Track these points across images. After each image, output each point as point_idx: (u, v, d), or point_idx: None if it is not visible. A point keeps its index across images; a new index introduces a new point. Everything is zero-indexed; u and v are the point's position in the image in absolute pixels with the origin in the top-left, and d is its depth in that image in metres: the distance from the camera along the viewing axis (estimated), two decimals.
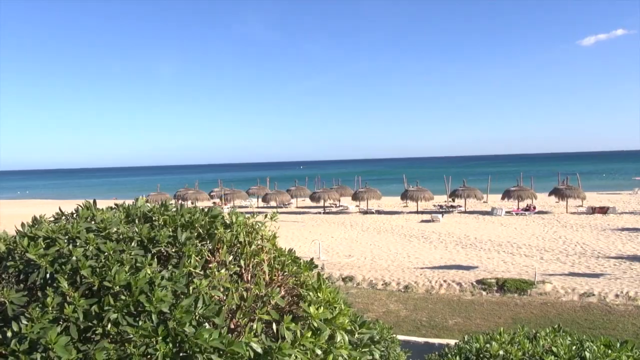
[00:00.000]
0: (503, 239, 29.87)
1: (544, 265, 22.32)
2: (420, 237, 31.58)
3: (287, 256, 3.09)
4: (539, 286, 18.09)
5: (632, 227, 32.78)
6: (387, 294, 18.71)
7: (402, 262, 24.33)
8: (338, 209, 50.75)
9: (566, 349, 2.80)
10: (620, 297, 16.88)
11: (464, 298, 17.83)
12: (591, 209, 41.33)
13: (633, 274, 20.35)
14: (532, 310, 16.15)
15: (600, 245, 27.12)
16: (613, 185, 69.45)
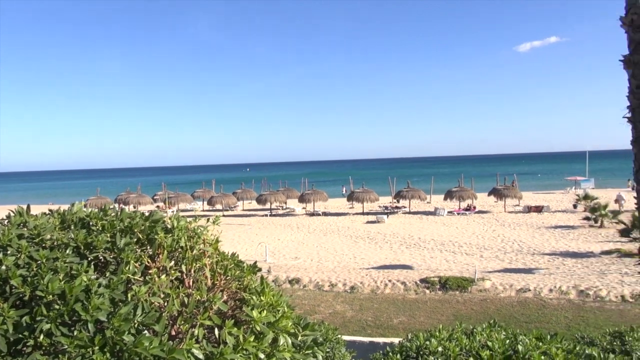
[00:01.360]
0: (445, 238, 30.75)
1: (484, 263, 23.15)
2: (366, 238, 32.03)
3: (230, 260, 3.07)
4: (479, 283, 18.75)
5: (564, 225, 34.55)
6: (334, 295, 18.85)
7: (349, 263, 24.60)
8: (285, 211, 50.71)
9: (500, 343, 2.93)
10: (554, 291, 17.75)
11: (409, 297, 18.22)
12: (527, 208, 43.26)
13: (565, 269, 21.44)
14: (473, 307, 16.71)
15: (535, 242, 28.41)
16: (547, 185, 72.92)
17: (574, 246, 26.74)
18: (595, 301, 16.72)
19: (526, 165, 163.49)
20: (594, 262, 22.44)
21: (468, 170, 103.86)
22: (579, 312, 15.65)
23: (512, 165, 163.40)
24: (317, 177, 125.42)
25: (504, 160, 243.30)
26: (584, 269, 21.30)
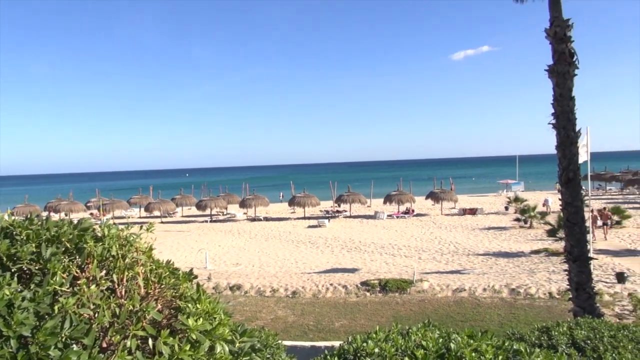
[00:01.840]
0: (385, 242, 31.32)
1: (422, 265, 23.76)
2: (307, 243, 32.10)
3: (164, 268, 2.99)
4: (418, 284, 19.22)
5: (497, 226, 36.04)
6: (276, 300, 18.77)
7: (290, 268, 24.56)
8: (225, 217, 50.01)
9: (434, 342, 3.03)
10: (488, 290, 18.47)
11: (350, 300, 18.41)
12: (462, 211, 44.82)
13: (498, 268, 22.35)
14: (412, 308, 17.10)
15: (470, 243, 29.46)
16: (481, 188, 75.80)
17: (505, 246, 27.94)
18: (525, 298, 17.53)
19: (461, 169, 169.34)
20: (524, 261, 23.54)
21: (406, 175, 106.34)
22: (511, 310, 16.36)
23: (448, 169, 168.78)
24: (259, 182, 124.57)
25: (441, 165, 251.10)
26: (515, 268, 22.29)
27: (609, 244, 27.39)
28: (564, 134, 11.09)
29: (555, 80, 11.13)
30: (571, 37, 11.03)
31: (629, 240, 28.36)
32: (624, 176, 63.79)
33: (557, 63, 11.11)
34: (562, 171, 11.22)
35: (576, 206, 11.19)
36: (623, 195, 58.38)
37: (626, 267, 21.16)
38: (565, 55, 10.95)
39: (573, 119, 11.11)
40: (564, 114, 11.04)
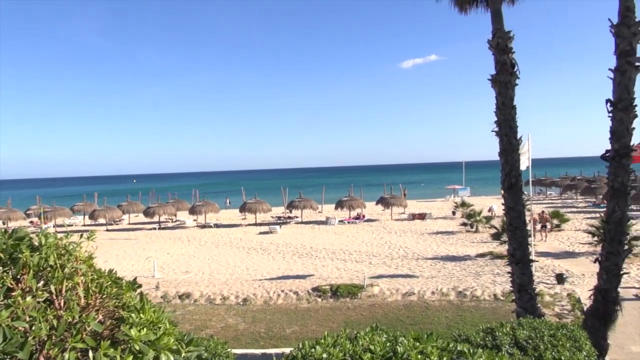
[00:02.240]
0: (336, 247, 31.50)
1: (372, 270, 24.02)
2: (258, 249, 31.87)
3: (106, 277, 2.90)
4: (368, 289, 19.43)
5: (444, 231, 36.94)
6: (226, 308, 18.51)
7: (241, 275, 24.30)
8: (174, 224, 48.97)
9: (381, 345, 3.08)
10: (436, 293, 18.87)
11: (301, 306, 18.39)
12: (412, 216, 45.70)
13: (446, 272, 22.89)
14: (362, 312, 17.26)
15: (419, 248, 30.06)
16: (429, 194, 77.65)
17: (453, 250, 28.67)
18: (472, 301, 18.02)
19: (411, 175, 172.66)
20: (471, 265, 24.22)
21: (357, 180, 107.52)
22: (458, 312, 16.78)
23: (398, 175, 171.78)
24: (210, 188, 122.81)
25: (391, 171, 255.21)
26: (462, 271, 22.90)
27: (549, 246, 28.58)
28: (506, 141, 11.51)
29: (498, 89, 11.55)
30: (512, 49, 11.49)
31: (567, 242, 29.69)
32: (562, 181, 66.83)
33: (499, 73, 11.54)
34: (505, 177, 11.64)
35: (518, 211, 11.63)
36: (562, 200, 61.14)
37: (565, 268, 22.13)
38: (506, 66, 11.39)
39: (514, 127, 11.56)
40: (506, 122, 11.47)
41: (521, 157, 13.63)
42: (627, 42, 10.22)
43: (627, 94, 10.28)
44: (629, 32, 10.21)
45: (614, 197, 10.55)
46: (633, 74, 10.27)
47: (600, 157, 10.86)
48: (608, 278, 10.71)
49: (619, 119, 10.33)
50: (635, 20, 10.25)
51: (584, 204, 52.85)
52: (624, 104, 10.26)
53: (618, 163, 10.44)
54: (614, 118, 10.40)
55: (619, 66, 10.36)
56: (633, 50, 10.25)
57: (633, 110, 10.30)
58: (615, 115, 10.38)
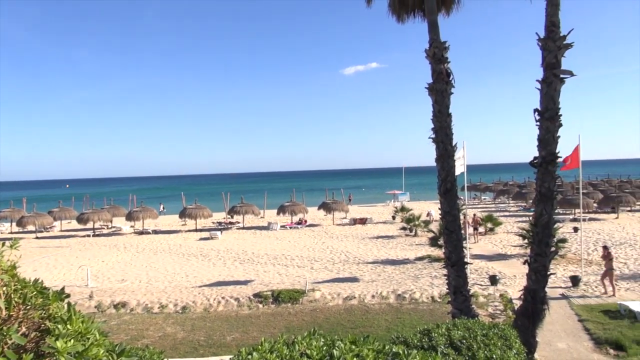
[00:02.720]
0: (278, 252, 31.40)
1: (314, 274, 24.12)
2: (199, 255, 31.27)
3: (31, 287, 2.76)
4: (310, 294, 19.48)
5: (385, 235, 37.64)
6: (164, 316, 18.02)
7: (180, 282, 23.74)
8: (110, 230, 47.23)
9: (318, 350, 3.10)
10: (376, 297, 19.18)
11: (242, 313, 18.18)
12: (353, 221, 46.29)
13: (385, 275, 23.31)
14: (304, 317, 17.27)
15: (360, 252, 30.46)
16: (371, 199, 78.91)
17: (393, 254, 29.24)
18: (410, 303, 18.44)
19: (352, 180, 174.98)
20: (410, 268, 24.79)
21: (299, 185, 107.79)
22: (397, 314, 17.12)
23: (340, 180, 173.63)
24: (148, 193, 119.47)
25: (333, 176, 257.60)
26: (401, 274, 23.39)
27: (483, 249, 29.71)
28: (443, 148, 11.90)
29: (434, 97, 11.94)
30: (448, 58, 11.91)
31: (500, 245, 30.98)
32: (496, 187, 69.82)
33: (435, 82, 11.94)
34: (441, 182, 12.03)
35: (454, 215, 12.03)
36: (495, 204, 63.75)
37: (498, 270, 23.07)
38: (442, 75, 11.80)
39: (450, 134, 11.97)
40: (442, 129, 11.86)
41: (457, 162, 14.16)
42: (553, 55, 10.83)
43: (553, 104, 10.89)
44: (554, 46, 10.83)
45: (541, 201, 11.13)
46: (558, 85, 10.90)
47: (529, 164, 11.44)
48: (536, 279, 11.26)
49: (545, 127, 10.92)
50: (560, 35, 10.89)
51: (516, 208, 55.36)
52: (550, 113, 10.86)
53: (545, 169, 11.02)
54: (541, 127, 10.99)
55: (545, 78, 10.97)
56: (558, 63, 10.88)
57: (558, 119, 10.92)
58: (542, 124, 10.97)
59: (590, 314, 16.10)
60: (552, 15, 10.95)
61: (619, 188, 54.41)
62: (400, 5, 12.71)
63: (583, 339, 13.99)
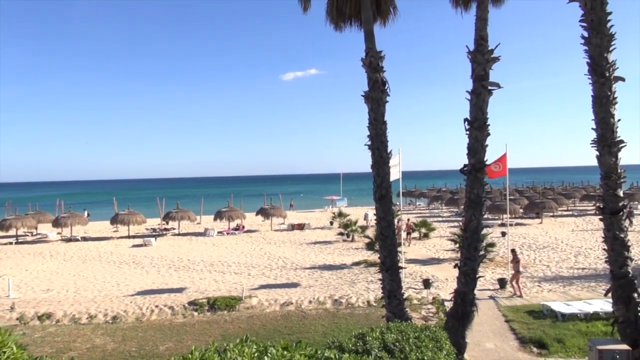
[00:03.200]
0: (215, 259, 30.88)
1: (251, 281, 23.90)
2: (131, 263, 30.21)
3: None
4: (247, 301, 19.28)
5: (322, 241, 37.89)
6: (93, 327, 17.27)
7: (111, 291, 22.84)
8: (35, 237, 44.74)
9: (250, 356, 3.08)
10: (313, 302, 19.26)
11: (176, 321, 17.73)
12: (291, 226, 46.31)
13: (323, 281, 23.45)
14: (240, 325, 17.07)
15: (298, 258, 30.49)
16: (309, 204, 79.21)
17: (330, 259, 29.48)
18: (347, 308, 18.65)
19: (291, 186, 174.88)
20: (347, 273, 25.07)
21: (237, 191, 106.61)
22: (334, 319, 17.27)
23: (278, 185, 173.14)
24: (77, 198, 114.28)
25: (272, 181, 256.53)
26: (338, 279, 23.61)
27: (417, 253, 30.54)
28: (378, 155, 12.17)
29: (370, 105, 12.20)
30: (383, 67, 12.21)
31: (434, 249, 31.95)
32: (430, 193, 72.02)
33: (371, 90, 12.20)
34: (376, 188, 12.28)
35: (388, 220, 12.31)
36: (429, 210, 65.72)
37: (432, 274, 23.78)
38: (378, 83, 12.08)
39: (385, 141, 12.26)
40: (378, 137, 12.13)
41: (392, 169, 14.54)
42: (482, 67, 11.36)
43: (482, 114, 11.41)
44: (483, 59, 11.37)
45: (470, 207, 11.60)
46: (486, 96, 11.44)
47: (459, 171, 11.90)
48: (466, 281, 11.71)
49: (474, 136, 11.42)
50: (489, 49, 11.44)
51: (449, 214, 57.31)
52: (479, 123, 11.37)
53: (474, 176, 11.51)
54: (471, 136, 11.48)
55: (474, 89, 11.48)
56: (487, 75, 11.42)
57: (486, 128, 11.45)
58: (471, 133, 11.46)
59: (516, 314, 16.91)
60: (481, 29, 11.49)
61: (542, 195, 57.66)
62: (338, 14, 12.91)
63: (509, 339, 14.66)
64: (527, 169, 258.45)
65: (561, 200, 53.45)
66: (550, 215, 49.23)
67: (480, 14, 11.53)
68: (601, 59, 10.37)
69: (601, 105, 10.50)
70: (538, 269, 24.73)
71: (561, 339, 14.00)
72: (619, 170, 10.70)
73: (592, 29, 10.43)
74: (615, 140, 10.56)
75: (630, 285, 10.74)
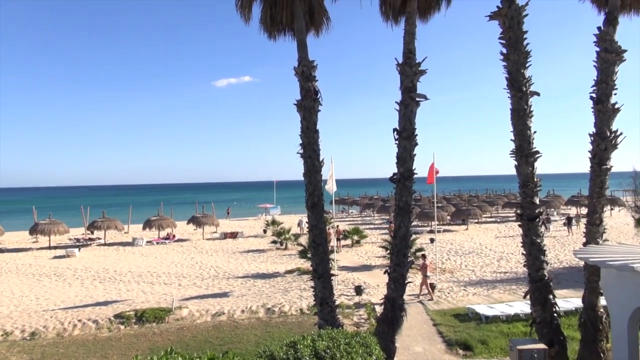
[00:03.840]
0: (143, 269, 29.87)
1: (182, 291, 23.30)
2: (52, 275, 28.62)
3: None
4: (177, 312, 18.78)
5: (256, 249, 37.62)
6: (8, 345, 16.19)
7: (29, 305, 21.51)
8: None
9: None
10: (246, 312, 19.05)
11: (101, 335, 16.97)
12: (224, 235, 45.65)
13: (256, 290, 23.25)
14: (170, 337, 16.58)
15: (230, 266, 30.07)
16: (242, 212, 78.34)
17: (263, 268, 29.29)
18: (280, 316, 18.59)
19: (224, 194, 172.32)
20: (280, 281, 25.00)
21: (168, 199, 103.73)
22: (267, 328, 17.16)
23: (211, 193, 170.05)
24: None
25: (204, 189, 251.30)
26: (271, 288, 23.50)
27: (350, 260, 30.97)
28: (310, 163, 12.26)
29: (303, 114, 12.29)
30: (315, 77, 12.36)
31: (365, 256, 32.53)
32: (362, 200, 73.35)
33: (304, 99, 12.30)
34: (308, 196, 12.37)
35: (320, 228, 12.42)
36: (362, 217, 66.87)
37: (363, 280, 24.16)
38: (310, 92, 12.20)
39: (317, 150, 12.38)
40: (310, 145, 12.23)
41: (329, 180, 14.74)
42: (410, 79, 11.76)
43: (410, 125, 11.80)
44: (411, 71, 11.78)
45: (399, 215, 11.94)
46: (414, 107, 11.85)
47: (389, 179, 12.22)
48: (395, 287, 12.01)
49: (403, 146, 11.79)
50: (416, 61, 11.87)
51: (380, 221, 58.54)
52: (407, 133, 11.75)
53: (403, 185, 11.86)
54: (400, 145, 11.85)
55: (403, 100, 11.86)
56: (414, 87, 11.84)
57: (414, 138, 11.86)
58: (400, 142, 11.82)
59: (444, 318, 17.52)
60: (409, 43, 11.91)
61: (468, 202, 60.20)
62: (272, 23, 12.92)
63: (437, 342, 15.16)
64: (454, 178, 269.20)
65: (485, 208, 56.03)
66: (476, 222, 51.45)
67: (408, 28, 11.95)
68: (518, 75, 11.05)
69: (519, 117, 11.16)
70: (464, 274, 25.77)
71: (485, 340, 14.65)
72: (536, 179, 11.39)
73: (510, 46, 11.09)
74: (531, 151, 11.25)
75: (547, 287, 11.42)
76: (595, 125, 11.44)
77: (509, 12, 11.04)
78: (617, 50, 11.24)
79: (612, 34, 11.25)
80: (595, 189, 11.52)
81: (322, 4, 13.23)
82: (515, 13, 11.00)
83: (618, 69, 11.36)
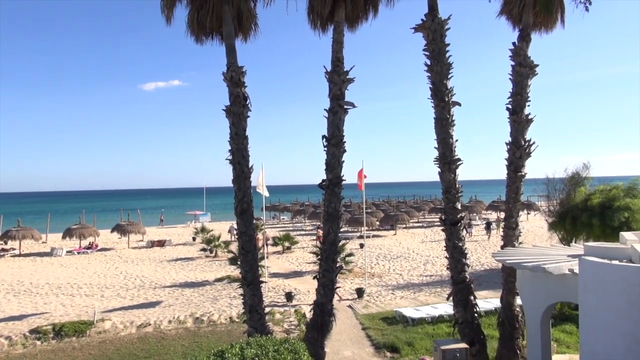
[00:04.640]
0: (63, 281, 28.30)
1: (105, 303, 22.29)
2: None
3: None
4: (99, 325, 17.94)
5: (184, 257, 36.68)
6: None
7: None
8: None
9: None
10: (173, 322, 18.51)
11: (14, 352, 15.90)
12: (151, 243, 44.18)
13: (184, 299, 22.65)
14: (91, 351, 15.81)
15: (157, 276, 29.12)
16: (170, 220, 76.11)
17: (192, 276, 28.60)
18: (209, 325, 18.22)
19: (151, 201, 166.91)
20: (209, 290, 24.50)
21: (90, 206, 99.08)
22: (195, 338, 16.76)
23: (137, 200, 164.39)
24: None
25: (130, 195, 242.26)
26: (200, 297, 22.97)
27: (281, 267, 30.90)
28: (239, 169, 12.16)
29: (232, 119, 12.18)
30: (245, 83, 12.29)
31: (296, 263, 32.57)
32: (293, 207, 73.45)
33: (233, 104, 12.19)
34: (238, 203, 12.25)
35: (249, 235, 12.33)
36: (293, 224, 66.92)
37: (294, 286, 24.16)
38: (239, 98, 12.11)
39: (247, 156, 12.30)
40: (239, 151, 12.13)
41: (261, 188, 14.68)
42: (338, 87, 11.97)
43: (338, 132, 12.00)
44: (339, 79, 11.98)
45: (328, 220, 12.08)
46: (343, 115, 12.05)
47: (318, 186, 12.34)
48: (324, 293, 12.12)
49: (332, 153, 11.95)
50: (344, 70, 12.09)
51: (311, 227, 58.81)
52: (336, 140, 11.94)
53: (331, 191, 12.01)
54: (328, 152, 12.01)
55: (332, 107, 12.04)
56: (342, 95, 12.05)
57: (343, 145, 12.06)
58: (329, 149, 11.99)
59: (372, 321, 17.86)
60: (337, 52, 12.12)
61: (396, 208, 61.84)
62: (199, 27, 12.71)
63: (366, 345, 15.42)
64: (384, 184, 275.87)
65: (412, 213, 57.77)
66: (404, 227, 52.92)
67: (336, 37, 12.17)
68: (441, 85, 11.54)
69: (442, 126, 11.64)
70: (392, 278, 26.39)
71: (411, 342, 15.08)
72: (458, 185, 11.91)
73: (433, 58, 11.56)
74: (454, 159, 11.76)
75: (468, 289, 11.95)
76: (511, 134, 12.13)
77: (432, 25, 11.52)
78: (530, 64, 11.99)
79: (526, 49, 11.99)
80: (511, 194, 12.19)
81: (252, 10, 13.20)
82: (438, 26, 11.49)
83: (531, 82, 12.11)
